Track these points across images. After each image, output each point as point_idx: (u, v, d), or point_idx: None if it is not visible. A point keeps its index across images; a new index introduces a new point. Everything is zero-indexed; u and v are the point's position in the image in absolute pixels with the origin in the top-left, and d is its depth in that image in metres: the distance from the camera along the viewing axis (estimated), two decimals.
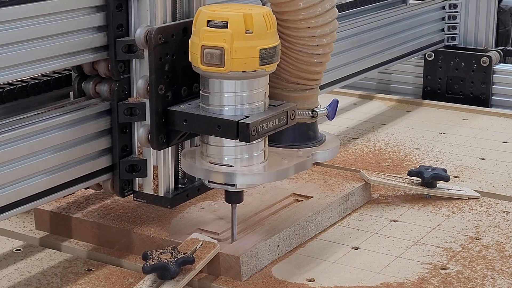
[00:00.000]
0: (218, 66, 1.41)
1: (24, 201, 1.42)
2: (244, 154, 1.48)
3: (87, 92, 1.55)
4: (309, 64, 1.57)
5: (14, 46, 1.35)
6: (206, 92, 1.47)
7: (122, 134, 1.54)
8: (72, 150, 1.48)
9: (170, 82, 1.50)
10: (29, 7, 1.37)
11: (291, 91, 1.59)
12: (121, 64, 1.50)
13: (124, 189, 1.57)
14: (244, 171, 1.48)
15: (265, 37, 1.42)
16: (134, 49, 1.49)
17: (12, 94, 1.57)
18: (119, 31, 1.49)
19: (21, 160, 1.40)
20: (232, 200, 1.53)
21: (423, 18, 2.69)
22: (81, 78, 1.56)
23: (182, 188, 1.59)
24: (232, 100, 1.45)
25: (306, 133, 1.61)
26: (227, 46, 1.40)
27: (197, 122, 1.46)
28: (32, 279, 1.52)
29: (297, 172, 1.57)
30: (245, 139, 1.42)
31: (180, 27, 1.51)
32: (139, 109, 1.51)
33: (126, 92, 1.52)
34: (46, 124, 1.44)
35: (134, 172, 1.56)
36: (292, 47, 1.55)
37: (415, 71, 2.84)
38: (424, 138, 2.31)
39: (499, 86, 2.73)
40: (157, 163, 1.55)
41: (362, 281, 1.51)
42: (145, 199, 1.58)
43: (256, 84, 1.46)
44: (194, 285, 1.51)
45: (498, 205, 1.86)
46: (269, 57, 1.43)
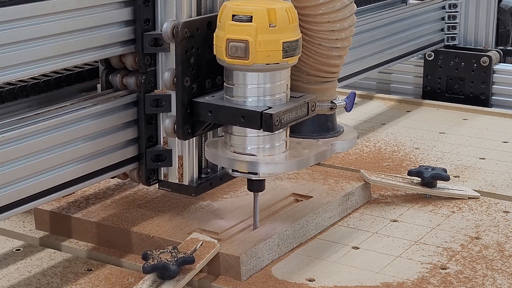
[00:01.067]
0: (243, 59, 1.46)
1: (58, 188, 1.47)
2: (267, 144, 1.52)
3: (115, 84, 1.60)
4: (328, 57, 1.61)
5: (47, 39, 1.39)
6: (230, 84, 1.51)
7: (148, 125, 1.59)
8: (101, 140, 1.53)
9: (195, 74, 1.55)
10: (62, 2, 1.42)
11: (310, 84, 1.63)
12: (147, 57, 1.55)
13: (149, 178, 1.61)
14: (267, 160, 1.52)
15: (288, 30, 1.47)
16: (160, 42, 1.54)
17: (37, 88, 1.64)
18: (146, 26, 1.54)
19: (52, 150, 1.44)
20: (254, 189, 1.58)
21: (423, 18, 2.69)
22: (108, 71, 1.61)
23: (205, 177, 1.64)
24: (255, 92, 1.50)
25: (325, 124, 1.66)
26: (251, 39, 1.44)
27: (222, 113, 1.51)
28: (32, 279, 1.52)
29: (317, 162, 1.61)
30: (268, 129, 1.47)
31: (205, 22, 1.56)
32: (165, 101, 1.56)
33: (152, 84, 1.57)
34: (77, 115, 1.49)
35: (159, 162, 1.61)
36: (312, 41, 1.60)
37: (415, 71, 2.84)
38: (424, 138, 2.31)
39: (499, 86, 2.73)
40: (182, 153, 1.60)
41: (362, 281, 1.51)
42: (170, 188, 1.62)
43: (278, 76, 1.50)
44: (194, 285, 1.51)
45: (498, 205, 1.86)
46: (292, 50, 1.48)
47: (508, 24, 3.80)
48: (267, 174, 1.55)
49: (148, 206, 1.72)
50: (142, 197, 1.77)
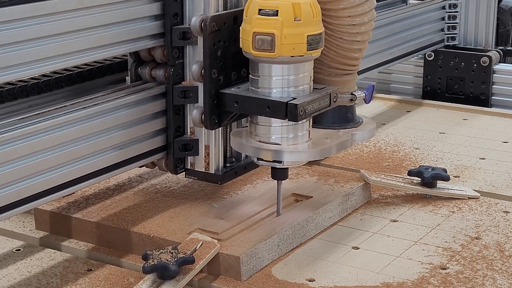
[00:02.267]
0: (269, 51, 1.51)
1: (92, 175, 1.53)
2: (290, 134, 1.58)
3: (143, 76, 1.67)
4: (349, 51, 1.67)
5: (81, 32, 1.46)
6: (256, 75, 1.57)
7: (176, 116, 1.65)
8: (131, 130, 1.60)
9: (222, 66, 1.61)
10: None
11: (332, 76, 1.68)
12: (176, 50, 1.61)
13: (177, 167, 1.68)
14: (291, 149, 1.58)
15: (312, 24, 1.52)
16: (188, 36, 1.61)
17: (70, 79, 1.70)
18: (175, 20, 1.61)
19: (83, 140, 1.50)
20: (278, 177, 1.65)
21: (423, 18, 2.69)
22: (137, 63, 1.67)
23: (230, 166, 1.71)
24: (280, 83, 1.55)
25: (346, 115, 1.72)
26: (277, 33, 1.50)
27: (248, 103, 1.57)
28: (32, 279, 1.52)
29: (339, 151, 1.70)
30: (293, 118, 1.53)
31: (231, 16, 1.61)
32: (192, 92, 1.63)
33: (180, 76, 1.64)
34: (108, 106, 1.54)
35: (186, 151, 1.67)
36: (333, 35, 1.65)
37: (415, 71, 2.84)
38: (424, 138, 2.31)
39: (499, 86, 2.73)
40: (209, 142, 1.66)
41: (362, 281, 1.51)
42: (196, 176, 1.69)
43: (302, 68, 1.56)
44: (194, 285, 1.51)
45: (498, 205, 1.86)
46: (315, 43, 1.53)
47: (508, 24, 3.80)
48: (291, 162, 1.62)
49: (147, 206, 1.72)
50: (142, 197, 1.77)
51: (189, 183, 1.85)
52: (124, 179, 1.87)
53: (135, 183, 1.85)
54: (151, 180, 1.87)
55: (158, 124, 1.65)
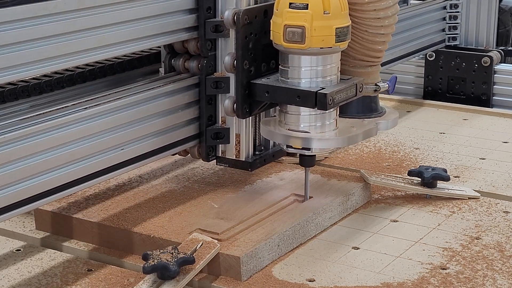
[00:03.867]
0: (299, 43, 1.58)
1: (133, 161, 1.61)
2: (318, 122, 1.65)
3: (177, 67, 1.75)
4: (373, 43, 1.73)
5: (120, 25, 1.53)
6: (286, 66, 1.64)
7: (208, 105, 1.72)
8: (166, 118, 1.67)
9: (253, 58, 1.68)
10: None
11: (357, 67, 1.74)
12: (208, 43, 1.69)
13: (209, 154, 1.75)
14: (319, 136, 1.65)
15: (340, 17, 1.60)
16: (220, 29, 1.68)
17: (112, 69, 1.82)
18: (208, 13, 1.68)
19: (123, 128, 1.57)
20: (305, 164, 1.72)
21: (424, 18, 2.69)
22: (171, 55, 1.75)
23: (260, 154, 1.78)
24: (309, 74, 1.62)
25: (370, 105, 1.78)
26: (307, 25, 1.56)
27: (278, 93, 1.64)
28: (32, 279, 1.52)
29: (364, 139, 1.75)
30: (323, 107, 1.59)
31: (262, 10, 1.68)
32: (224, 83, 1.70)
33: (212, 67, 1.71)
34: (145, 96, 1.61)
35: (218, 139, 1.74)
36: (359, 28, 1.70)
37: (416, 71, 2.84)
38: (424, 138, 2.31)
39: (500, 86, 2.73)
40: (239, 131, 1.73)
41: (362, 281, 1.51)
42: (227, 164, 1.76)
43: (330, 60, 1.62)
44: (194, 285, 1.51)
45: (498, 205, 1.86)
46: (343, 35, 1.61)
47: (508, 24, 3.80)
48: (318, 149, 1.70)
49: (147, 206, 1.72)
50: (142, 197, 1.77)
51: (189, 184, 1.85)
52: (124, 179, 1.87)
53: (135, 183, 1.85)
54: (151, 180, 1.87)
55: (191, 114, 1.72)
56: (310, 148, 1.66)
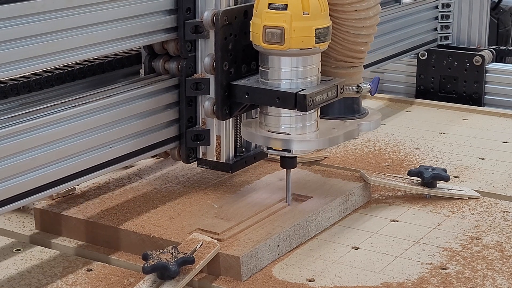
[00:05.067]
0: (278, 44, 1.57)
1: (111, 163, 1.61)
2: (299, 123, 1.64)
3: (157, 69, 1.74)
4: (355, 44, 1.72)
5: (101, 25, 1.52)
6: (266, 67, 1.63)
7: (188, 107, 1.72)
8: (146, 120, 1.67)
9: (233, 59, 1.67)
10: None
11: (338, 68, 1.73)
12: (188, 44, 1.69)
13: (189, 156, 1.75)
14: (299, 138, 1.64)
15: (320, 18, 1.59)
16: (200, 30, 1.68)
17: (83, 73, 1.76)
18: (188, 14, 1.67)
19: (101, 129, 1.57)
20: (287, 165, 1.70)
21: (416, 17, 2.69)
22: (151, 56, 1.74)
23: (241, 155, 1.78)
24: (289, 75, 1.61)
25: (352, 106, 1.77)
26: (286, 26, 1.56)
27: (258, 94, 1.64)
28: (32, 279, 1.52)
29: (345, 140, 1.75)
30: (302, 108, 1.59)
31: (242, 10, 1.68)
32: (204, 84, 1.70)
33: (192, 69, 1.70)
34: (123, 97, 1.61)
35: (198, 141, 1.74)
36: (340, 28, 1.70)
37: (408, 70, 2.85)
38: (424, 138, 2.31)
39: (492, 85, 2.74)
40: (220, 132, 1.73)
41: (362, 281, 1.51)
42: (208, 165, 1.76)
43: (310, 61, 1.62)
44: (194, 285, 1.51)
45: (498, 205, 1.86)
46: (323, 36, 1.60)
47: (508, 24, 3.80)
48: (299, 151, 1.68)
49: (147, 206, 1.72)
50: (142, 197, 1.77)
51: (189, 184, 1.85)
52: (124, 179, 1.87)
53: (135, 183, 1.85)
54: (151, 180, 1.87)
55: (171, 115, 1.71)
56: (290, 150, 1.65)
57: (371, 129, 1.79)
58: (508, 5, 3.83)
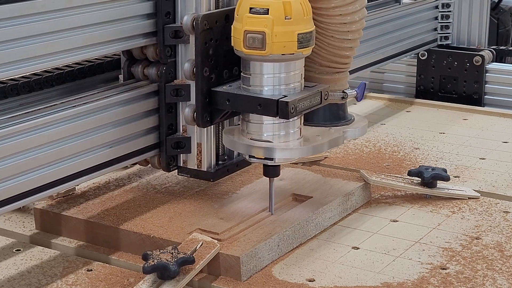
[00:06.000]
0: (260, 50, 1.53)
1: (85, 172, 1.56)
2: (282, 131, 1.60)
3: (136, 74, 1.69)
4: (340, 49, 1.68)
5: (74, 31, 1.48)
6: (247, 74, 1.59)
7: (168, 114, 1.67)
8: (124, 127, 1.62)
9: (214, 65, 1.63)
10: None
11: (323, 74, 1.70)
12: (168, 49, 1.64)
13: (169, 164, 1.70)
14: (282, 146, 1.60)
15: (302, 22, 1.54)
16: (180, 34, 1.63)
17: (61, 78, 1.72)
18: (167, 18, 1.63)
19: (77, 137, 1.53)
20: (270, 174, 1.66)
21: (416, 18, 2.69)
22: (130, 62, 1.69)
23: (223, 164, 1.73)
24: (271, 81, 1.57)
25: (337, 113, 1.73)
26: (268, 31, 1.52)
27: (240, 101, 1.59)
28: (32, 279, 1.52)
29: (330, 148, 1.68)
30: (284, 116, 1.54)
31: (223, 15, 1.64)
32: (184, 90, 1.65)
33: (172, 74, 1.65)
34: (102, 104, 1.56)
35: (179, 149, 1.69)
36: (324, 33, 1.66)
37: (408, 70, 2.85)
38: (424, 138, 2.31)
39: (492, 85, 2.74)
40: (201, 140, 1.68)
41: (362, 281, 1.51)
42: (189, 174, 1.71)
43: (293, 66, 1.57)
44: (194, 285, 1.51)
45: (498, 205, 1.86)
46: (306, 41, 1.55)
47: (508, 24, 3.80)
48: (282, 159, 1.63)
49: (148, 206, 1.72)
50: (142, 197, 1.77)
51: (189, 184, 1.85)
52: (124, 179, 1.87)
53: (135, 183, 1.85)
54: (151, 180, 1.87)
55: (151, 122, 1.67)
56: (273, 158, 1.61)
57: (356, 136, 1.76)
58: (508, 5, 3.83)
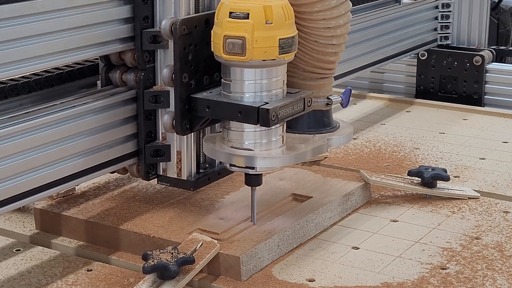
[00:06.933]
0: (240, 55, 1.49)
1: (58, 183, 1.50)
2: (264, 139, 1.55)
3: (114, 80, 1.64)
4: (324, 54, 1.64)
5: (50, 35, 1.43)
6: (228, 80, 1.54)
7: (147, 121, 1.62)
8: (101, 135, 1.57)
9: (193, 71, 1.58)
10: None
11: (307, 80, 1.66)
12: (146, 54, 1.58)
13: (148, 173, 1.65)
14: (264, 154, 1.55)
15: (284, 27, 1.50)
16: (159, 39, 1.58)
17: (39, 84, 1.66)
18: (145, 23, 1.57)
19: (53, 145, 1.48)
20: (252, 183, 1.61)
21: (416, 18, 2.70)
22: (108, 67, 1.64)
23: (204, 172, 1.68)
24: (252, 88, 1.52)
25: (322, 120, 1.69)
26: (248, 36, 1.47)
27: (220, 108, 1.54)
28: (32, 280, 1.52)
29: (314, 156, 1.66)
30: (265, 124, 1.50)
31: (203, 19, 1.59)
32: (164, 97, 1.59)
33: (151, 80, 1.60)
34: (77, 111, 1.52)
35: (158, 157, 1.64)
36: (308, 38, 1.62)
37: (408, 70, 2.85)
38: (424, 138, 2.31)
39: (492, 85, 2.74)
40: (180, 148, 1.63)
41: (362, 281, 1.51)
42: (168, 183, 1.66)
43: (275, 72, 1.53)
44: (194, 285, 1.51)
45: (498, 205, 1.86)
46: (288, 47, 1.51)
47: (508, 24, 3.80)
48: (264, 168, 1.59)
49: (147, 206, 1.72)
50: (142, 198, 1.77)
51: None
52: (124, 179, 1.87)
53: (135, 183, 1.85)
54: (151, 180, 1.87)
55: (129, 130, 1.62)
56: (254, 167, 1.56)
57: (341, 144, 1.72)
58: (508, 5, 3.83)
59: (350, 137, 1.71)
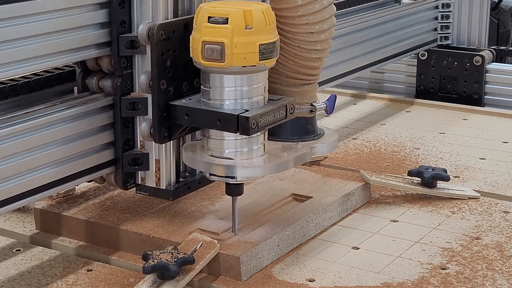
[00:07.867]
0: (219, 61, 1.44)
1: (30, 193, 1.46)
2: (244, 147, 1.51)
3: (91, 87, 1.59)
4: (308, 60, 1.60)
5: (21, 41, 1.39)
6: (207, 86, 1.50)
7: (125, 128, 1.57)
8: (77, 143, 1.52)
9: (172, 77, 1.54)
10: (37, 3, 1.41)
11: (290, 86, 1.62)
12: (123, 60, 1.54)
13: (127, 182, 1.61)
14: (244, 163, 1.51)
15: (265, 32, 1.46)
16: (136, 45, 1.53)
17: (16, 90, 1.59)
18: (122, 28, 1.53)
19: (27, 153, 1.43)
20: (232, 193, 1.56)
21: (416, 18, 2.70)
22: (84, 73, 1.59)
23: (184, 181, 1.63)
24: (232, 95, 1.48)
25: (305, 127, 1.64)
26: (227, 42, 1.43)
27: (198, 116, 1.50)
28: (32, 280, 1.52)
29: (296, 165, 1.60)
30: (245, 132, 1.45)
31: (181, 24, 1.54)
32: (141, 104, 1.55)
33: (129, 87, 1.56)
34: (51, 118, 1.47)
35: (136, 166, 1.59)
36: (291, 43, 1.58)
37: (408, 70, 2.85)
38: (424, 138, 2.31)
39: (492, 85, 2.74)
40: (159, 156, 1.59)
41: (362, 281, 1.51)
42: (147, 192, 1.61)
43: (255, 79, 1.49)
44: (194, 285, 1.51)
45: (498, 205, 1.86)
46: (269, 52, 1.46)
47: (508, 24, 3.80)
48: (245, 177, 1.54)
49: (147, 206, 1.72)
50: (142, 198, 1.77)
51: None
52: None
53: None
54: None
55: (106, 137, 1.57)
56: (234, 176, 1.51)
57: (325, 152, 1.66)
58: (508, 5, 3.83)
59: (335, 145, 1.66)
